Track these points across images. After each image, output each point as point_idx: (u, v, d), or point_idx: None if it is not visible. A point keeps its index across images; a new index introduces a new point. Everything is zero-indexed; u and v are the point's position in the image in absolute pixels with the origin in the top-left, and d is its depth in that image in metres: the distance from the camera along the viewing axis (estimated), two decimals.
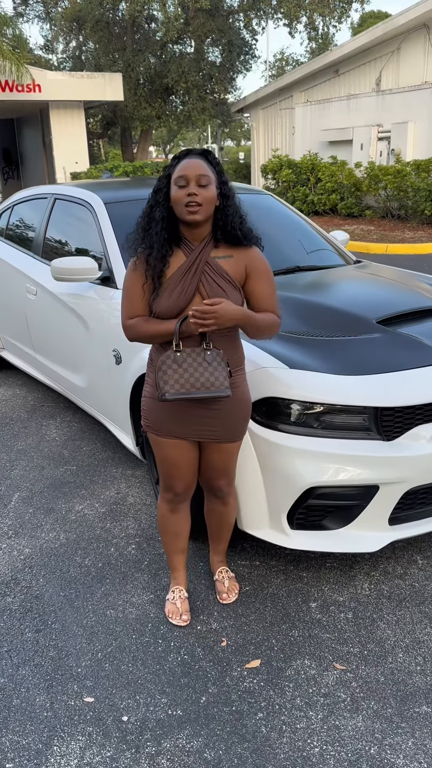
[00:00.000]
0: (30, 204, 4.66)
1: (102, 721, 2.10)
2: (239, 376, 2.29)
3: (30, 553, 2.96)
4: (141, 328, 2.17)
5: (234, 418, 2.29)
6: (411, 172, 12.63)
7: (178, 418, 2.25)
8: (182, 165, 2.10)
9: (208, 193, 2.08)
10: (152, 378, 2.29)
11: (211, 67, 22.68)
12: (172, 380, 2.10)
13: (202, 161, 2.11)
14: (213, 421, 2.26)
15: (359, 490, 2.54)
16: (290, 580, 2.75)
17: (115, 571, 2.82)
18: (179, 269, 2.15)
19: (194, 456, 2.37)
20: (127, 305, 2.22)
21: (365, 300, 3.15)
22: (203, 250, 2.16)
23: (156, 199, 2.18)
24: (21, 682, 2.25)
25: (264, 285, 2.23)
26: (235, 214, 2.18)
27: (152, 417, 2.29)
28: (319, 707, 2.13)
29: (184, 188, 2.07)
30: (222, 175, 2.17)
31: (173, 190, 2.10)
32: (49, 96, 18.79)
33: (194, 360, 2.12)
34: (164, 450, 2.32)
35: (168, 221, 2.15)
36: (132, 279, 2.20)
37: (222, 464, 2.39)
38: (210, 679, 2.25)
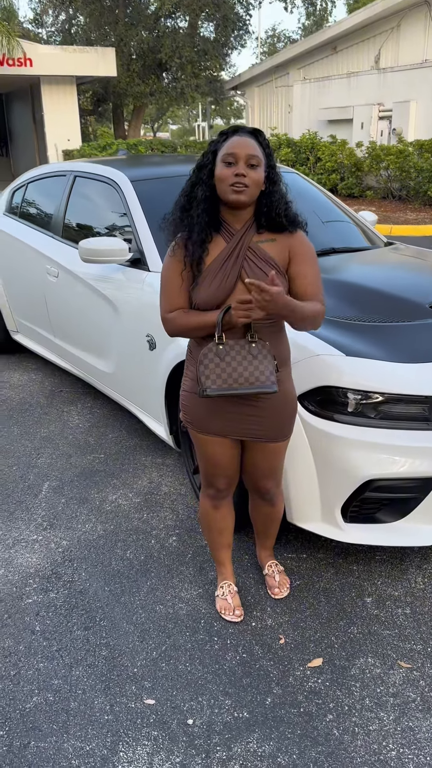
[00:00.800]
0: (47, 182, 4.49)
1: (167, 724, 2.02)
2: (285, 372, 2.17)
3: (68, 545, 2.86)
4: (181, 320, 2.03)
5: (280, 416, 2.17)
6: (413, 152, 12.48)
7: (221, 415, 2.13)
8: (231, 142, 1.96)
9: (256, 175, 1.95)
10: (192, 371, 2.16)
11: (205, 43, 22.27)
12: (214, 375, 1.97)
13: (252, 140, 1.97)
14: (257, 419, 2.14)
15: (418, 483, 2.45)
16: (341, 573, 2.67)
17: (159, 565, 2.73)
18: (220, 255, 2.02)
19: (237, 453, 2.26)
20: (165, 297, 2.07)
21: (413, 283, 3.04)
22: (245, 235, 2.03)
23: (199, 176, 2.03)
24: (76, 684, 2.16)
25: (309, 269, 2.09)
26: (281, 200, 2.04)
27: (193, 413, 2.17)
28: (390, 708, 2.06)
29: (232, 167, 1.93)
30: (271, 158, 2.03)
31: (219, 167, 1.96)
32: (41, 71, 18.36)
33: (238, 353, 1.99)
34: (205, 447, 2.21)
35: (210, 202, 2.02)
36: (170, 266, 2.06)
37: (268, 465, 2.28)
38: (273, 679, 2.17)
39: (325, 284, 2.98)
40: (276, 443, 2.22)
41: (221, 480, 2.29)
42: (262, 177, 1.97)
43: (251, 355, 1.99)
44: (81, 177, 4.07)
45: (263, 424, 2.16)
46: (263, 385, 1.98)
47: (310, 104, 16.97)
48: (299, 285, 2.09)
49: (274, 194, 2.03)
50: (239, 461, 2.30)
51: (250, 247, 2.03)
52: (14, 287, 4.70)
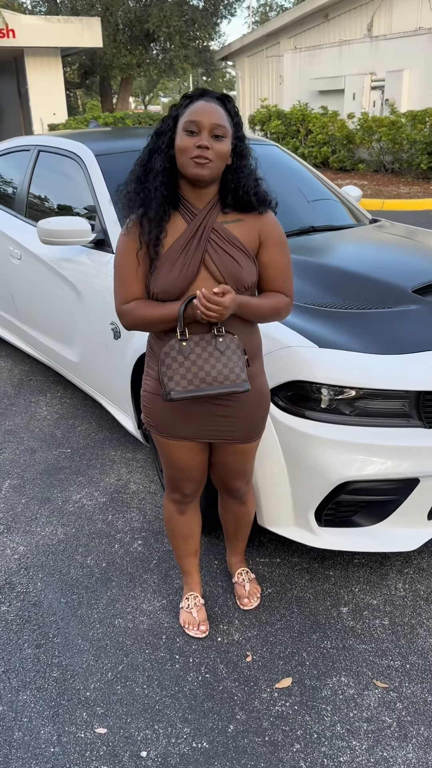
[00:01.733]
0: (10, 157, 4.22)
1: (118, 757, 1.84)
2: (257, 366, 1.95)
3: (25, 551, 2.67)
4: (139, 313, 1.80)
5: (253, 415, 1.96)
6: (406, 123, 12.13)
7: (187, 418, 1.92)
8: (195, 107, 1.71)
9: (221, 148, 1.71)
10: (154, 370, 1.93)
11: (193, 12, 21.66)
12: (178, 375, 1.75)
13: (219, 107, 1.73)
14: (228, 420, 1.93)
15: (398, 484, 2.26)
16: (316, 580, 2.49)
17: (121, 572, 2.54)
18: (180, 239, 1.78)
19: (205, 457, 2.06)
20: (120, 285, 1.83)
21: (396, 265, 2.82)
22: (208, 214, 1.80)
23: (157, 144, 1.78)
24: (22, 710, 1.98)
25: (279, 257, 1.87)
26: (249, 176, 1.81)
27: (156, 416, 1.95)
28: (363, 735, 1.89)
29: (194, 136, 1.70)
30: (239, 128, 1.79)
31: (180, 136, 1.72)
32: (24, 42, 17.83)
33: (203, 350, 1.76)
34: (170, 451, 2.00)
35: (169, 174, 1.78)
36: (124, 247, 1.82)
37: (238, 465, 2.08)
38: (237, 703, 1.99)
39: (301, 267, 2.76)
40: (248, 443, 2.02)
41: (188, 485, 2.09)
42: (228, 150, 1.74)
43: (218, 351, 1.77)
44: (45, 151, 3.81)
45: (235, 425, 1.95)
46: (233, 384, 1.76)
47: (300, 74, 16.51)
48: (267, 274, 1.88)
49: (241, 170, 1.80)
50: (207, 464, 2.10)
51: (214, 228, 1.80)
52: None
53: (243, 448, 2.03)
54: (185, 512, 2.20)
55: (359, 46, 14.81)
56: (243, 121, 1.87)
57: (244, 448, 2.04)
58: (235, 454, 2.04)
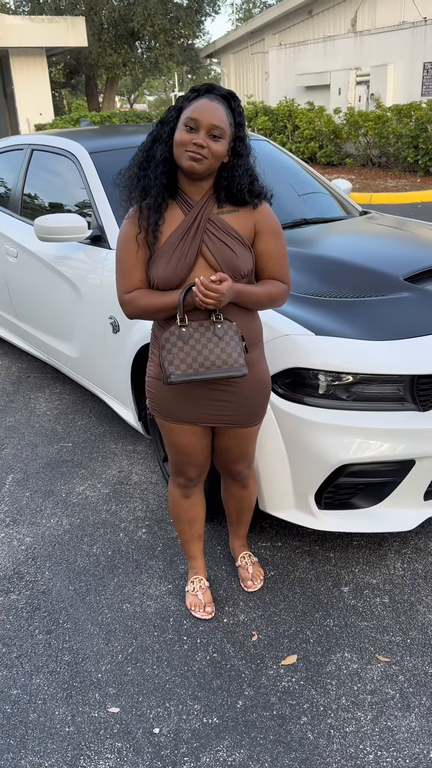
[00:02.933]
0: (4, 156, 4.25)
1: (131, 734, 1.90)
2: (257, 352, 2.02)
3: (31, 542, 2.72)
4: (141, 302, 1.86)
5: (253, 400, 2.03)
6: (392, 117, 12.22)
7: (189, 402, 1.98)
8: (198, 105, 1.76)
9: (217, 147, 1.76)
10: (156, 356, 2.00)
11: (178, 10, 21.66)
12: (178, 360, 1.82)
13: (221, 107, 1.77)
14: (228, 405, 2.00)
15: (394, 466, 2.33)
16: (317, 562, 2.56)
17: (127, 560, 2.59)
18: (177, 230, 1.84)
19: (208, 441, 2.12)
20: (122, 274, 1.89)
21: (388, 255, 2.88)
22: (205, 206, 1.86)
23: (160, 132, 1.84)
24: (36, 693, 2.04)
25: (275, 246, 1.94)
26: (243, 175, 1.85)
27: (159, 400, 2.02)
28: (367, 707, 1.96)
29: (192, 132, 1.75)
30: (241, 128, 1.83)
31: (179, 130, 1.77)
32: (9, 42, 17.78)
33: (202, 335, 1.83)
34: (174, 436, 2.07)
35: (170, 164, 1.83)
36: (125, 232, 1.87)
37: (240, 450, 2.15)
38: (245, 680, 2.06)
39: (295, 258, 2.83)
40: (249, 428, 2.09)
41: (192, 469, 2.16)
42: (224, 150, 1.79)
43: (217, 337, 1.83)
44: (38, 150, 3.85)
45: (235, 410, 2.02)
46: (231, 368, 1.83)
47: (286, 70, 16.56)
48: (263, 263, 1.94)
49: (236, 168, 1.84)
50: (210, 448, 2.16)
51: (210, 219, 1.86)
52: None
53: (243, 432, 2.09)
54: (190, 496, 2.26)
55: (344, 42, 14.88)
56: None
57: (244, 432, 2.10)
58: (236, 438, 2.11)
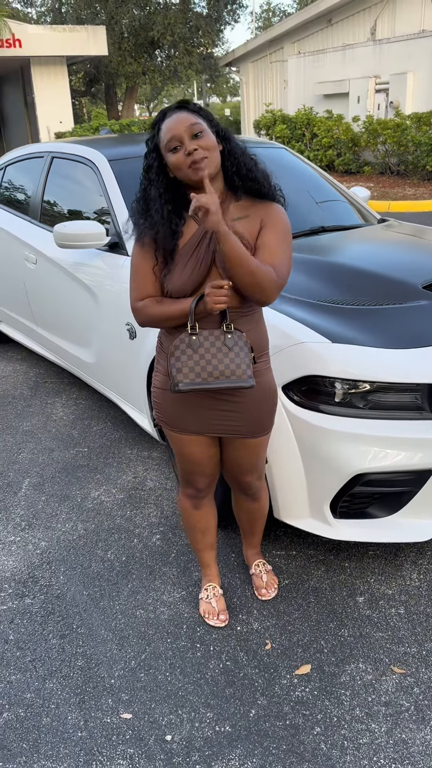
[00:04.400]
0: (24, 164, 4.30)
1: (143, 741, 1.89)
2: (263, 362, 2.00)
3: (47, 546, 2.73)
4: (153, 310, 1.86)
5: (259, 410, 2.01)
6: (411, 125, 12.18)
7: (195, 412, 1.98)
8: (166, 127, 1.77)
9: (206, 141, 1.76)
10: (163, 365, 2.00)
11: (197, 19, 21.81)
12: (186, 368, 1.81)
13: (183, 113, 1.79)
14: (234, 415, 1.99)
15: (411, 476, 2.31)
16: (332, 571, 2.54)
17: (141, 566, 2.60)
18: (191, 240, 1.85)
19: (216, 451, 2.12)
20: (136, 285, 1.90)
21: (406, 263, 2.87)
22: None
23: (149, 178, 1.85)
24: (49, 698, 2.04)
25: (274, 237, 1.85)
26: (244, 154, 1.86)
27: (165, 410, 2.02)
28: (382, 718, 1.94)
29: (180, 149, 1.76)
30: (211, 118, 1.85)
31: (169, 158, 1.78)
32: (30, 51, 18.00)
33: (212, 344, 1.82)
34: (181, 446, 2.07)
35: (169, 193, 1.84)
36: (140, 258, 1.89)
37: (248, 461, 2.13)
38: (258, 689, 2.05)
39: (313, 266, 2.83)
40: (256, 438, 2.08)
41: (200, 479, 2.15)
42: (214, 139, 1.80)
43: (226, 347, 1.83)
44: (58, 158, 3.89)
45: (242, 420, 2.01)
46: (239, 379, 1.82)
47: (305, 79, 16.59)
48: (260, 252, 1.84)
49: (233, 151, 1.85)
50: (219, 459, 2.16)
51: None
52: None
53: (251, 442, 2.08)
54: (200, 507, 2.26)
55: (363, 50, 14.88)
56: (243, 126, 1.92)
57: (252, 443, 2.08)
58: (244, 449, 2.09)
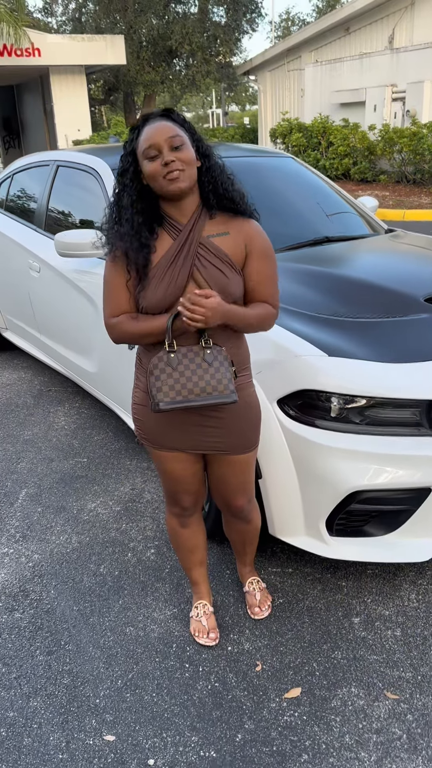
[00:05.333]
0: (30, 172, 4.31)
1: (125, 765, 1.84)
2: (244, 377, 1.95)
3: (39, 559, 2.70)
4: (127, 326, 1.80)
5: (241, 426, 1.96)
6: (428, 134, 12.08)
7: (179, 429, 1.93)
8: (146, 134, 1.73)
9: (185, 155, 1.73)
10: (143, 382, 1.94)
11: (215, 28, 21.90)
12: (167, 386, 1.76)
13: (166, 122, 1.75)
14: (218, 431, 1.94)
15: (409, 494, 2.24)
16: (328, 590, 2.48)
17: (134, 581, 2.55)
18: (166, 254, 1.78)
19: (200, 467, 2.06)
20: (109, 302, 1.84)
21: (409, 275, 2.81)
22: (194, 228, 1.80)
23: (122, 182, 1.80)
24: (32, 717, 2.00)
25: (266, 266, 1.87)
26: (222, 173, 1.83)
27: (147, 427, 1.97)
28: (372, 747, 1.87)
29: (157, 159, 1.71)
30: (194, 132, 1.81)
31: (145, 165, 1.74)
32: (50, 60, 18.17)
33: (191, 361, 1.78)
34: (164, 463, 2.02)
35: (142, 202, 1.79)
36: (112, 273, 1.83)
37: (237, 480, 2.06)
38: (245, 712, 1.99)
39: (312, 277, 2.78)
40: (242, 455, 2.02)
41: (185, 497, 2.10)
42: (193, 154, 1.76)
43: (206, 363, 1.78)
44: (63, 166, 3.88)
45: (225, 436, 1.95)
46: (221, 395, 1.78)
47: (322, 87, 16.57)
48: (254, 283, 1.87)
49: (212, 169, 1.82)
50: (203, 476, 2.10)
51: (201, 242, 1.80)
52: (1, 284, 4.54)
53: (237, 459, 2.02)
54: (187, 525, 2.20)
55: (380, 58, 14.83)
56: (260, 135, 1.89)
57: (238, 460, 2.02)
58: (229, 466, 2.03)
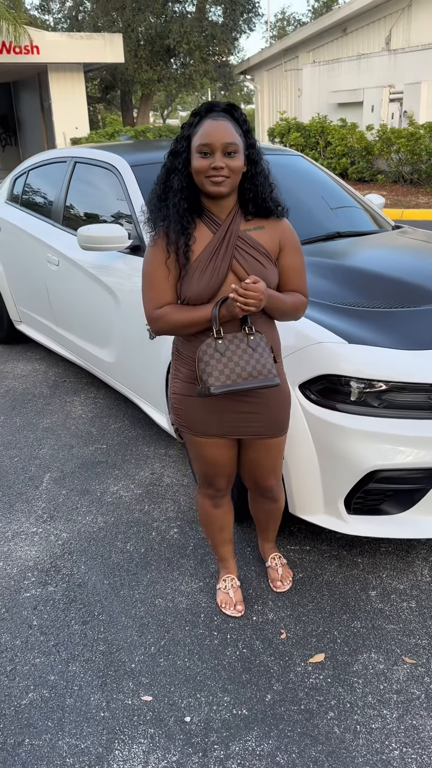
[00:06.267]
0: (47, 168, 4.42)
1: (163, 722, 1.97)
2: (279, 363, 2.09)
3: (68, 537, 2.82)
4: (173, 317, 1.90)
5: (278, 409, 2.09)
6: (425, 134, 12.24)
7: (217, 415, 2.05)
8: (205, 129, 1.80)
9: (235, 163, 1.82)
10: (183, 372, 2.05)
11: (213, 27, 22.00)
12: (216, 371, 1.87)
13: (228, 123, 1.82)
14: (255, 416, 2.06)
15: (424, 473, 2.38)
16: (345, 566, 2.61)
17: (160, 557, 2.68)
18: (207, 247, 1.90)
19: (234, 453, 2.19)
20: (150, 292, 1.93)
21: (420, 268, 2.95)
22: (232, 223, 1.92)
23: (174, 164, 1.89)
24: (73, 680, 2.13)
25: (297, 261, 2.01)
26: (264, 182, 1.93)
27: (187, 416, 2.08)
28: (393, 705, 2.01)
29: (208, 157, 1.80)
30: (249, 135, 1.89)
31: (195, 158, 1.83)
32: (48, 58, 18.19)
33: (237, 347, 1.89)
34: (202, 449, 2.13)
35: (190, 190, 1.89)
36: (153, 257, 1.92)
37: (269, 462, 2.20)
38: (273, 675, 2.12)
39: (329, 269, 2.91)
40: (276, 438, 2.15)
41: (220, 480, 2.23)
42: (242, 163, 1.85)
43: (251, 348, 1.91)
44: (81, 163, 4.00)
45: (262, 421, 2.08)
46: (266, 378, 1.91)
47: (319, 87, 16.72)
48: (288, 277, 2.02)
49: (257, 177, 1.92)
50: (237, 459, 2.23)
51: (239, 236, 1.93)
52: (17, 277, 4.65)
53: (271, 443, 2.15)
54: (219, 506, 2.33)
55: (377, 59, 14.99)
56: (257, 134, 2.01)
57: (272, 443, 2.15)
58: (265, 450, 2.16)
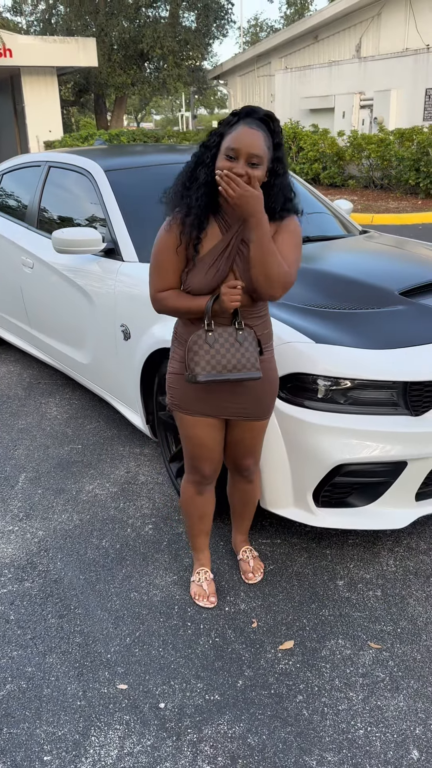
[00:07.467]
0: (21, 172, 4.46)
1: (138, 708, 2.04)
2: (268, 352, 2.21)
3: (44, 535, 2.87)
4: (172, 302, 2.06)
5: (264, 394, 2.22)
6: (394, 141, 12.50)
7: (207, 396, 2.18)
8: (238, 134, 1.88)
9: (257, 173, 1.90)
10: (179, 353, 2.18)
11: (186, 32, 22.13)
12: (204, 361, 2.02)
13: (260, 132, 1.89)
14: (243, 398, 2.19)
15: (388, 467, 2.49)
16: (314, 557, 2.70)
17: (135, 553, 2.74)
18: (214, 249, 2.02)
19: (222, 435, 2.30)
20: (157, 275, 2.07)
21: (384, 271, 3.06)
22: (239, 230, 2.01)
23: (203, 156, 1.98)
24: (49, 671, 2.18)
25: (290, 240, 2.03)
26: (279, 193, 2.00)
27: (179, 395, 2.20)
28: (359, 688, 2.10)
29: (232, 161, 1.88)
30: (279, 149, 1.96)
31: (221, 157, 1.91)
32: (21, 61, 18.17)
33: (225, 340, 2.04)
34: (192, 429, 2.24)
35: (211, 186, 1.97)
36: (165, 241, 2.03)
37: (250, 443, 2.32)
38: (245, 662, 2.20)
39: (298, 273, 3.00)
40: (259, 421, 2.27)
41: (207, 464, 2.31)
42: (263, 174, 1.92)
43: (238, 342, 2.04)
44: (55, 167, 4.05)
45: (249, 403, 2.20)
46: (249, 371, 2.04)
47: (291, 93, 16.93)
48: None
49: (273, 188, 1.98)
50: (223, 444, 2.33)
51: (243, 240, 2.01)
52: None
53: (255, 425, 2.28)
54: (203, 494, 2.41)
55: (348, 67, 15.25)
56: None
57: (257, 425, 2.28)
58: (249, 431, 2.28)
